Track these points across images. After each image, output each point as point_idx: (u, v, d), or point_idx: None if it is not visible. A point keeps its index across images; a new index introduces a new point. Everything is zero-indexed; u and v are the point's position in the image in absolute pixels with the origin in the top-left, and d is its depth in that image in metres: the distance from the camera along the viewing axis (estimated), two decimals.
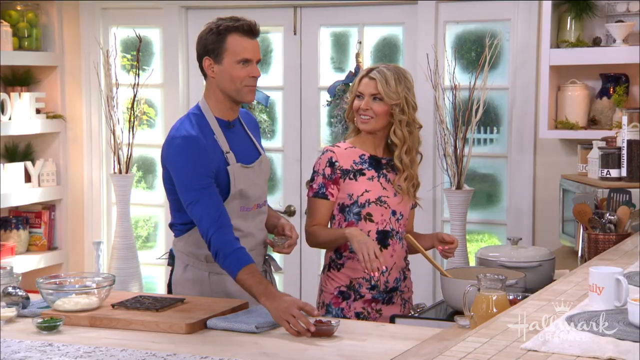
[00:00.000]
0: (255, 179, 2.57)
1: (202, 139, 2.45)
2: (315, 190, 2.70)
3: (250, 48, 2.51)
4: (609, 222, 2.84)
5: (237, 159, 2.51)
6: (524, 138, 3.84)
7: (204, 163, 2.43)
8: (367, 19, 4.11)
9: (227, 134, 2.53)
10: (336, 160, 2.69)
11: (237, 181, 2.50)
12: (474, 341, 1.60)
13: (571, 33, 3.63)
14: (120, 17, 4.46)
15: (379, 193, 2.69)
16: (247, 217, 2.57)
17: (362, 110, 2.69)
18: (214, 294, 2.53)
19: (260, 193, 2.60)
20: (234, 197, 2.51)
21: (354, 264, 2.69)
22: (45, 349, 2.00)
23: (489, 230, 4.10)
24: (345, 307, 2.70)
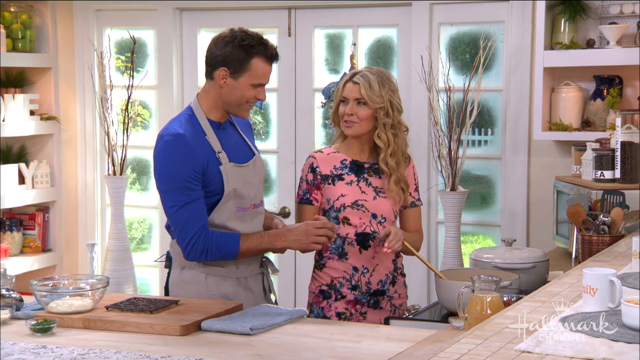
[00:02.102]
0: (249, 179, 2.57)
1: (190, 138, 2.46)
2: (300, 196, 2.75)
3: (269, 74, 2.55)
4: (603, 224, 2.85)
5: (230, 159, 2.52)
6: (518, 140, 3.84)
7: (188, 163, 2.43)
8: (361, 21, 4.12)
9: (219, 134, 2.54)
10: (317, 166, 2.72)
11: (230, 180, 2.50)
12: (468, 342, 1.60)
13: (565, 35, 3.64)
14: (114, 19, 4.45)
15: (356, 197, 2.71)
16: (245, 217, 2.57)
17: (346, 116, 2.70)
18: (211, 296, 2.53)
19: (255, 192, 2.60)
20: (229, 196, 2.52)
21: (334, 264, 2.72)
22: (39, 351, 2.00)
23: (483, 231, 4.10)
24: (325, 306, 2.71)
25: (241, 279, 2.58)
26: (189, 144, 2.44)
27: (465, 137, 3.74)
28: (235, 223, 2.53)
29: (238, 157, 2.56)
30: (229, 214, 2.52)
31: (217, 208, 2.51)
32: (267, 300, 2.66)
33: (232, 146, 2.56)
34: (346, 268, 2.71)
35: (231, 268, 2.56)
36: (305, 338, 2.14)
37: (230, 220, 2.52)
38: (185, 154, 2.43)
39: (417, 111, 3.97)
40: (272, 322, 2.22)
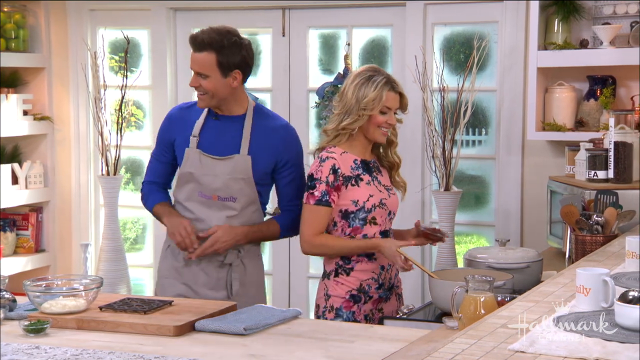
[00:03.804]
0: (215, 171, 2.72)
1: (180, 114, 2.81)
2: (317, 198, 2.66)
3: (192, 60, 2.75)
4: (596, 224, 2.85)
5: (200, 145, 2.72)
6: (512, 140, 3.85)
7: (165, 131, 2.82)
8: (355, 21, 4.12)
9: (209, 122, 2.76)
10: (338, 167, 2.67)
11: (188, 163, 2.74)
12: (462, 342, 1.60)
13: (558, 35, 3.65)
14: (108, 19, 4.45)
15: (380, 196, 2.72)
16: (209, 205, 2.74)
17: (387, 124, 2.68)
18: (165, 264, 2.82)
19: (220, 185, 2.72)
20: (186, 178, 2.75)
21: (362, 267, 2.71)
22: (32, 352, 1.99)
23: (477, 231, 4.11)
24: (356, 310, 2.71)
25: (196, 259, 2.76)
26: (173, 117, 2.82)
27: (459, 137, 3.75)
28: (195, 205, 2.75)
29: (213, 148, 2.73)
30: (189, 195, 2.76)
31: (177, 185, 2.80)
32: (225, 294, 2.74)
33: (213, 136, 2.74)
34: (374, 268, 2.72)
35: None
36: (299, 338, 2.13)
37: (189, 201, 2.76)
38: (166, 124, 2.83)
39: (411, 111, 3.91)
40: (266, 322, 2.22)
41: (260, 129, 2.76)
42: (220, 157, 2.72)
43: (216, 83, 2.68)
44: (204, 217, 2.75)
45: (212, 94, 2.70)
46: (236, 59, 2.68)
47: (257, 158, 2.74)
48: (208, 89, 2.69)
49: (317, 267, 4.26)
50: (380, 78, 2.67)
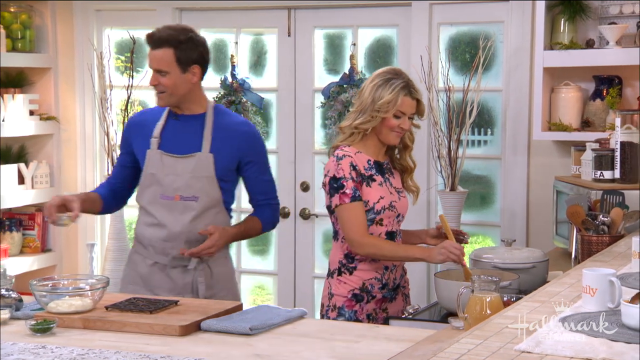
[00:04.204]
0: (177, 170, 2.73)
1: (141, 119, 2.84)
2: (351, 195, 2.64)
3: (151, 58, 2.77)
4: (602, 224, 2.85)
5: (161, 146, 2.75)
6: (518, 140, 3.85)
7: (124, 138, 2.88)
8: (361, 21, 4.12)
9: (170, 122, 2.79)
10: (355, 164, 2.67)
11: (149, 165, 2.76)
12: (468, 343, 1.60)
13: (564, 35, 3.64)
14: (114, 19, 4.45)
15: (390, 199, 2.72)
16: (170, 207, 2.74)
17: (399, 128, 2.68)
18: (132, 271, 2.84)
19: (181, 185, 2.73)
20: (149, 181, 2.76)
21: (366, 266, 2.71)
22: (39, 351, 1.99)
23: (482, 231, 4.10)
24: (358, 309, 2.71)
25: (160, 264, 2.78)
26: (132, 123, 2.87)
27: (465, 137, 3.75)
28: (157, 209, 2.75)
29: (174, 147, 2.75)
30: (151, 199, 2.76)
31: (139, 189, 2.81)
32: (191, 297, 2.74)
33: (174, 136, 2.76)
34: (378, 268, 2.72)
35: (150, 251, 2.80)
36: (305, 338, 2.13)
37: (151, 204, 2.76)
38: (125, 130, 2.89)
39: None
40: (271, 322, 2.22)
41: (221, 127, 2.77)
42: (181, 156, 2.74)
43: (176, 79, 2.70)
44: (166, 222, 2.75)
45: (171, 91, 2.70)
46: (194, 54, 2.71)
47: (219, 155, 2.75)
48: (168, 86, 2.70)
49: (322, 267, 4.26)
50: (399, 82, 2.66)
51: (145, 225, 2.80)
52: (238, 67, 4.27)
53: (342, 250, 2.73)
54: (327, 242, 4.29)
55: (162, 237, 2.75)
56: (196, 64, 2.71)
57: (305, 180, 4.27)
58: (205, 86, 4.32)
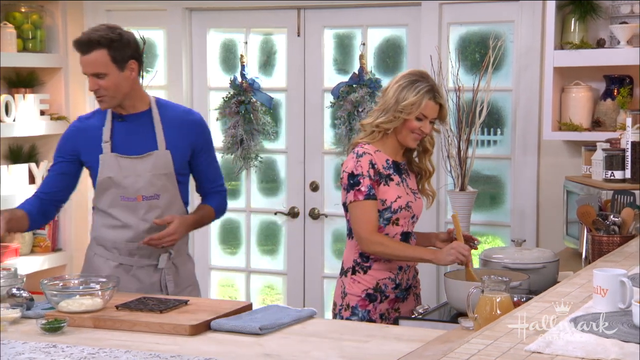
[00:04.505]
0: (137, 170, 2.73)
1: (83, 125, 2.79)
2: (365, 193, 2.65)
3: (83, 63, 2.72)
4: (613, 224, 2.84)
5: (114, 149, 2.74)
6: (528, 140, 3.83)
7: (66, 142, 2.81)
8: (370, 21, 4.11)
9: (117, 125, 2.76)
10: (375, 163, 2.68)
11: (105, 169, 2.74)
12: (478, 343, 1.60)
13: (575, 35, 3.63)
14: (124, 19, 4.46)
15: (407, 199, 2.73)
16: (130, 207, 2.74)
17: (420, 131, 2.69)
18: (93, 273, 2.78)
19: (143, 184, 2.73)
20: (106, 184, 2.74)
21: (380, 265, 2.72)
22: (50, 350, 2.01)
23: (492, 231, 4.09)
24: (371, 309, 2.72)
25: (126, 265, 2.78)
26: (74, 130, 2.81)
27: (475, 137, 3.74)
28: (119, 211, 2.75)
29: (128, 149, 2.74)
30: (112, 202, 2.76)
31: (96, 193, 2.79)
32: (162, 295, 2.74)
33: (127, 137, 2.74)
34: (392, 268, 2.73)
35: (114, 253, 2.80)
36: (314, 338, 2.14)
37: (112, 207, 2.76)
38: (67, 138, 2.82)
39: None
40: (281, 322, 2.22)
41: (169, 120, 2.77)
42: (138, 156, 2.73)
43: (115, 79, 2.67)
44: (131, 223, 2.75)
45: (113, 93, 2.68)
46: (128, 50, 2.69)
47: (176, 150, 2.76)
48: (109, 88, 2.67)
49: (331, 266, 4.26)
50: (424, 85, 2.67)
51: (106, 228, 2.78)
52: (247, 67, 4.28)
53: (357, 249, 2.73)
54: (336, 242, 4.29)
55: (128, 238, 2.75)
56: (132, 59, 2.69)
57: (314, 180, 4.27)
58: (214, 86, 4.42)
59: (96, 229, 2.82)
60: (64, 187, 2.83)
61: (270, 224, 4.41)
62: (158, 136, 2.75)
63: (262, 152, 4.32)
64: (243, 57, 4.27)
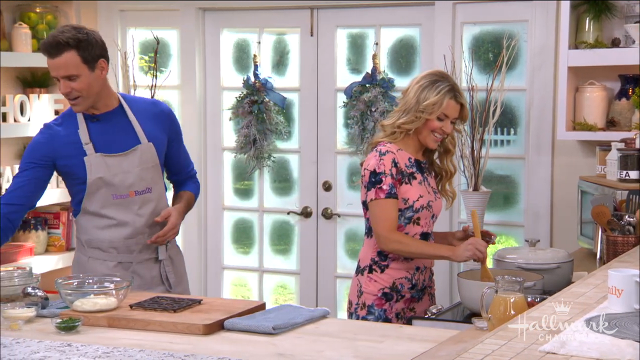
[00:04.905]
0: (125, 167, 2.72)
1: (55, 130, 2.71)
2: (387, 192, 2.66)
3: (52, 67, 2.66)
4: (628, 224, 2.83)
5: (97, 149, 2.70)
6: (542, 139, 3.82)
7: (36, 150, 2.71)
8: (383, 20, 4.11)
9: (92, 126, 2.72)
10: (397, 161, 2.69)
11: (94, 170, 2.69)
12: (491, 343, 1.59)
13: (589, 34, 3.61)
14: (137, 19, 4.48)
15: (428, 198, 2.73)
16: (124, 205, 2.72)
17: (440, 131, 2.69)
18: None
19: (134, 180, 2.73)
20: (97, 185, 2.70)
21: (397, 265, 2.72)
22: (64, 349, 2.02)
23: (506, 231, 4.08)
24: (387, 308, 2.73)
25: (125, 263, 2.76)
26: (46, 135, 2.72)
27: (488, 136, 3.73)
28: (113, 210, 2.72)
29: (111, 147, 2.71)
30: (104, 202, 2.72)
31: (86, 196, 2.72)
32: (164, 288, 2.77)
33: (107, 136, 2.72)
34: (409, 268, 2.73)
35: (112, 252, 2.76)
36: (327, 337, 2.14)
37: (105, 207, 2.72)
38: (38, 142, 2.72)
39: None
40: (294, 322, 2.23)
41: (141, 113, 2.77)
42: (124, 153, 2.72)
43: (87, 79, 2.64)
44: (127, 220, 2.74)
45: (87, 94, 2.66)
46: (97, 50, 2.66)
47: (155, 141, 2.77)
48: (82, 89, 2.64)
49: (344, 266, 4.26)
50: (445, 85, 2.68)
51: (100, 229, 2.74)
52: (261, 67, 4.28)
53: (375, 247, 2.74)
54: (349, 242, 4.29)
55: (126, 235, 2.74)
56: (101, 57, 2.67)
57: (327, 179, 4.28)
58: (227, 86, 4.43)
59: (88, 232, 2.77)
60: (36, 192, 2.74)
61: (283, 224, 4.42)
62: (137, 130, 2.75)
63: (275, 152, 4.33)
64: (256, 57, 4.28)
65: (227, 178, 4.46)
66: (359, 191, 2.79)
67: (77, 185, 2.74)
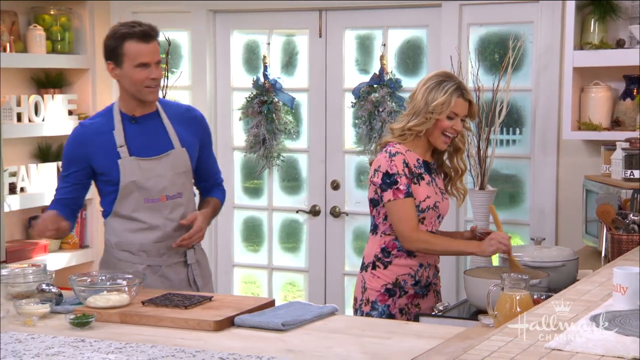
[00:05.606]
0: (158, 171, 2.72)
1: (90, 131, 2.72)
2: (405, 192, 2.68)
3: (147, 52, 2.67)
4: (633, 223, 2.85)
5: (132, 152, 2.71)
6: (547, 139, 3.84)
7: (73, 152, 2.74)
8: (391, 22, 4.14)
9: (129, 128, 2.73)
10: (407, 162, 2.71)
11: (127, 173, 2.70)
12: (498, 340, 1.61)
13: (594, 35, 3.63)
14: (149, 20, 4.43)
15: (435, 199, 2.76)
16: (155, 209, 2.72)
17: (452, 130, 2.71)
18: None
19: (166, 184, 2.73)
20: (130, 188, 2.70)
21: (400, 261, 2.75)
22: (78, 345, 2.05)
23: (512, 230, 4.10)
24: (391, 303, 2.75)
25: (154, 266, 2.76)
26: (82, 135, 2.73)
27: (494, 136, 3.75)
28: (144, 214, 2.72)
29: (145, 151, 2.72)
30: (136, 206, 2.72)
31: (119, 199, 2.72)
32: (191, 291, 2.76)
33: (142, 139, 2.72)
34: (413, 264, 2.76)
35: (141, 256, 2.76)
36: (336, 334, 2.16)
37: (137, 211, 2.72)
38: (74, 142, 2.74)
39: None
40: (303, 318, 2.25)
41: (176, 118, 2.79)
42: (157, 157, 2.73)
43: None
44: (158, 224, 2.74)
45: (160, 83, 2.74)
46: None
47: (188, 146, 2.79)
48: (161, 76, 2.74)
49: (352, 264, 4.29)
50: (451, 84, 2.70)
51: (131, 232, 2.75)
52: (270, 68, 4.32)
53: (379, 244, 2.77)
54: (357, 240, 4.32)
55: (155, 239, 2.74)
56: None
57: (335, 178, 4.31)
58: (237, 86, 4.46)
59: (118, 235, 2.78)
60: (82, 195, 2.80)
61: (292, 222, 4.45)
62: (171, 135, 2.76)
63: (284, 151, 4.36)
64: (266, 58, 4.31)
65: (237, 177, 4.49)
66: (367, 190, 2.82)
67: (109, 186, 2.74)
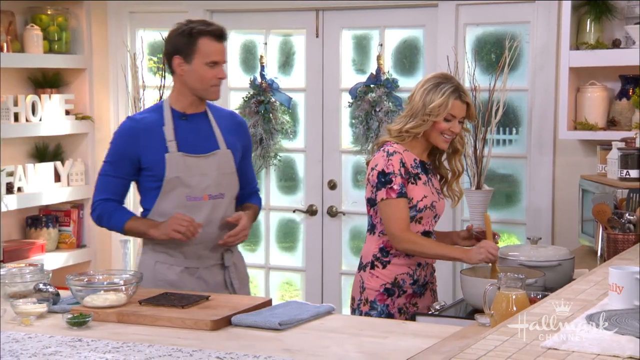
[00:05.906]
0: (203, 169, 2.71)
1: (141, 125, 2.70)
2: (398, 191, 2.69)
3: (220, 51, 2.72)
4: (628, 222, 2.86)
5: (180, 148, 2.69)
6: (544, 139, 3.85)
7: (125, 145, 2.71)
8: (388, 22, 4.14)
9: (178, 124, 2.73)
10: (405, 162, 2.72)
11: (172, 168, 2.68)
12: (494, 339, 1.61)
13: (590, 35, 3.64)
14: (147, 21, 4.52)
15: (432, 199, 2.76)
16: (199, 207, 2.70)
17: (450, 132, 2.72)
18: (158, 282, 2.70)
19: (209, 183, 2.72)
20: (173, 183, 2.68)
21: (399, 261, 2.76)
22: (75, 344, 2.05)
23: (508, 229, 4.12)
24: (390, 303, 2.76)
25: (191, 268, 2.75)
26: (133, 129, 2.71)
27: (491, 136, 3.76)
28: (186, 212, 2.67)
29: (194, 148, 2.71)
30: (178, 203, 2.69)
31: (161, 195, 2.70)
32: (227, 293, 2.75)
33: (190, 136, 2.72)
34: (411, 264, 2.76)
35: (179, 257, 2.74)
36: (333, 333, 2.17)
37: (178, 208, 2.68)
38: (124, 136, 2.72)
39: None
40: (300, 318, 2.25)
41: (222, 121, 2.81)
42: (203, 155, 2.72)
43: None
44: (200, 221, 2.69)
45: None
46: None
47: (234, 150, 2.79)
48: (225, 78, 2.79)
49: (349, 263, 4.30)
50: (449, 86, 2.71)
51: None
52: (267, 68, 4.32)
53: (377, 243, 2.77)
54: (354, 239, 4.33)
55: (195, 240, 2.70)
56: None
57: (332, 178, 4.32)
58: (235, 86, 4.47)
59: None
60: (123, 191, 2.77)
61: (289, 222, 4.46)
62: (217, 136, 2.76)
63: (281, 151, 4.37)
64: (263, 58, 4.32)
65: None
66: (364, 189, 2.83)
67: (152, 182, 2.71)
